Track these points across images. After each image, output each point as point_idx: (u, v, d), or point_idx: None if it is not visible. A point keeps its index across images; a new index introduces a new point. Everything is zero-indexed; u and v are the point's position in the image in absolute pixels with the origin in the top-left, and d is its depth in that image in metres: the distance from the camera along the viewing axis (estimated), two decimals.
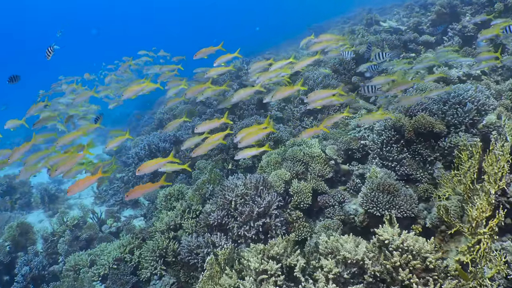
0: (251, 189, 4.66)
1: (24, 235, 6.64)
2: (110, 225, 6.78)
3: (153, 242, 4.96)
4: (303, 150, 5.84)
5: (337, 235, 4.08)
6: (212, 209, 4.64)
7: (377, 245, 3.71)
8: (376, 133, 6.08)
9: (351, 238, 3.83)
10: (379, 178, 4.93)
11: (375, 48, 8.83)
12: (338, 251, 3.82)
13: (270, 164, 5.80)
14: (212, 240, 4.49)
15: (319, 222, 5.31)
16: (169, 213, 5.21)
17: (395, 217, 4.48)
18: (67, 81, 8.94)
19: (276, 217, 4.53)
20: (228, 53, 6.54)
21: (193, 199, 5.23)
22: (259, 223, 4.40)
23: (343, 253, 3.56)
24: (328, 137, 6.95)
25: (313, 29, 14.80)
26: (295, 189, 5.20)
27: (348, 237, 3.83)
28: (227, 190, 4.76)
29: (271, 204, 4.56)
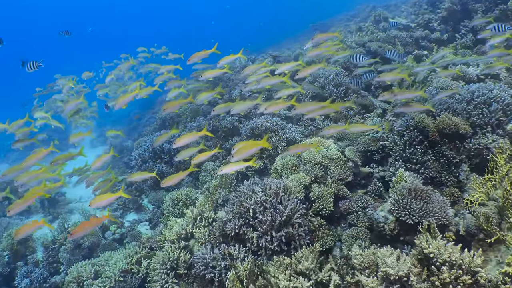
0: (271, 196, 4.21)
1: (23, 243, 6.14)
2: (114, 231, 6.30)
3: (163, 253, 4.50)
4: (321, 152, 5.39)
5: (372, 246, 3.65)
6: (228, 217, 4.18)
7: (418, 258, 3.30)
8: (397, 134, 5.66)
9: (390, 250, 3.41)
10: (410, 183, 4.49)
11: (386, 45, 8.41)
12: (376, 266, 3.40)
13: (286, 167, 5.34)
14: (230, 252, 4.04)
15: (341, 229, 4.89)
16: (179, 221, 4.75)
17: (429, 225, 4.09)
18: (62, 81, 8.41)
19: (299, 226, 4.10)
20: (232, 53, 6.22)
21: (204, 206, 4.77)
22: (281, 234, 3.96)
23: (385, 269, 3.14)
24: (343, 138, 6.51)
25: (317, 26, 14.39)
26: (316, 194, 4.76)
27: (387, 250, 3.41)
28: (243, 197, 4.30)
29: (294, 212, 4.12)
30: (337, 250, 4.64)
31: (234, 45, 17.78)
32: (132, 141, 11.89)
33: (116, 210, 7.42)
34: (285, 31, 18.11)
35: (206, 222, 4.62)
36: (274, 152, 6.14)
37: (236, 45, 17.44)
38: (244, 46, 18.77)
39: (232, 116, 8.06)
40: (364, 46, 8.76)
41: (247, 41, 20.96)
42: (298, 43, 13.74)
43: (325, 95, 7.40)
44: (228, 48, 20.40)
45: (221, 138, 7.71)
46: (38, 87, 9.11)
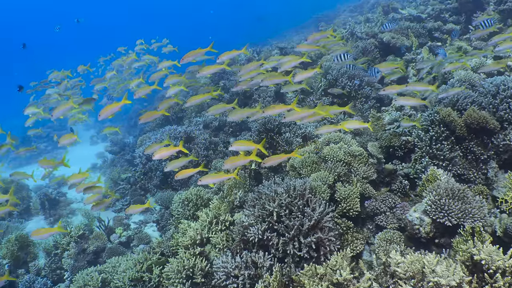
0: (297, 198, 3.78)
1: (24, 249, 5.68)
2: (120, 234, 5.86)
3: (177, 260, 4.07)
4: (342, 148, 4.96)
5: (414, 252, 3.24)
6: (249, 222, 3.76)
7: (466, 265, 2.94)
8: (422, 129, 5.25)
9: (437, 257, 3.02)
10: (446, 182, 4.07)
11: (400, 36, 7.97)
12: (422, 275, 3.01)
13: (306, 165, 4.91)
14: (253, 260, 3.62)
15: (367, 231, 4.49)
16: (193, 225, 4.32)
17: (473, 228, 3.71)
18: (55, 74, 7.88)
19: (330, 231, 3.69)
20: (234, 49, 5.80)
21: (220, 208, 4.34)
22: (311, 239, 3.54)
23: (435, 279, 2.76)
24: (361, 133, 6.09)
25: (320, 18, 13.91)
26: (342, 194, 4.34)
27: (434, 257, 3.03)
28: (265, 198, 3.87)
29: (323, 215, 3.70)
30: (367, 255, 4.26)
31: (235, 38, 17.34)
32: (133, 138, 11.40)
33: (120, 211, 6.97)
34: (287, 22, 17.59)
35: (223, 226, 4.19)
36: (289, 148, 5.71)
37: (236, 37, 17.02)
38: (244, 38, 18.26)
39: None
40: (375, 37, 8.32)
41: (247, 32, 20.47)
42: (303, 34, 13.27)
43: (338, 88, 6.97)
44: (228, 39, 19.93)
45: (228, 134, 7.27)
46: (32, 81, 8.54)
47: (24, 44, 9.26)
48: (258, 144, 4.27)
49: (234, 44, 16.85)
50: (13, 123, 12.97)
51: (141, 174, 7.39)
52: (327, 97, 7.07)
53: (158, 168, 6.66)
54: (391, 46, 7.91)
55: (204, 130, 7.46)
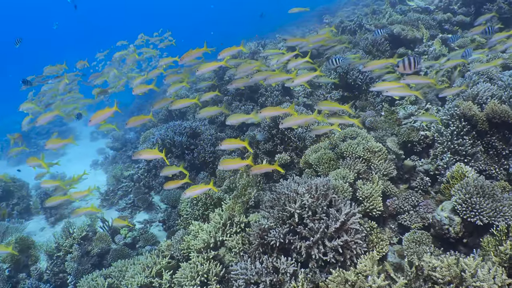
0: (320, 198, 3.45)
1: (25, 252, 5.33)
2: (125, 235, 5.52)
3: (190, 265, 3.74)
4: (361, 144, 4.64)
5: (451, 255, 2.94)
6: (269, 224, 3.43)
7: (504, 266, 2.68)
8: (442, 124, 4.95)
9: (476, 260, 2.76)
10: (475, 179, 3.77)
11: (410, 28, 7.63)
12: (461, 279, 2.75)
13: (322, 162, 4.59)
14: (275, 266, 3.30)
15: (389, 231, 4.19)
16: (206, 227, 3.99)
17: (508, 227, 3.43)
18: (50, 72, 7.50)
19: (356, 233, 3.37)
20: (234, 46, 5.70)
21: (234, 209, 4.01)
22: (337, 243, 3.23)
23: (477, 284, 2.49)
24: (375, 127, 5.77)
25: (321, 11, 13.53)
26: (364, 193, 4.03)
27: (472, 259, 2.76)
28: (285, 199, 3.54)
29: (349, 217, 3.38)
30: (391, 256, 3.96)
31: (236, 32, 16.92)
32: (134, 133, 11.03)
33: (124, 209, 6.62)
34: (287, 16, 17.11)
35: (238, 228, 3.86)
36: (302, 144, 5.37)
37: (237, 31, 16.61)
38: (245, 32, 17.82)
39: (246, 105, 7.27)
40: (384, 29, 7.96)
41: (248, 26, 19.99)
42: (305, 27, 12.87)
43: (349, 81, 6.63)
44: (229, 33, 19.44)
45: (234, 129, 6.92)
46: (30, 75, 8.12)
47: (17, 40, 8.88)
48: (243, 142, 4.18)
49: (235, 37, 16.46)
50: (13, 119, 12.56)
51: (145, 172, 7.04)
52: (337, 90, 6.73)
53: (164, 166, 6.30)
54: (402, 38, 7.57)
55: (209, 125, 7.10)
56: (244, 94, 7.46)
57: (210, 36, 17.87)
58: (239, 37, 16.10)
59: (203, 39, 8.20)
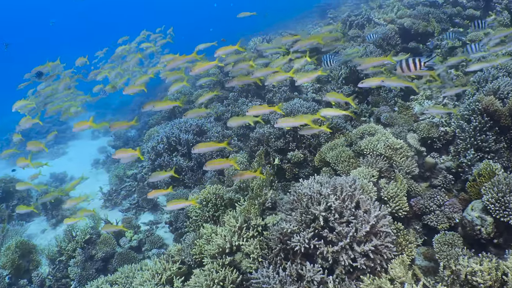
0: (346, 199, 3.14)
1: (26, 256, 4.99)
2: (131, 238, 5.19)
3: (204, 272, 3.42)
4: (381, 141, 4.32)
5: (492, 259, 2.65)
6: (292, 228, 3.10)
7: None
8: (463, 119, 4.65)
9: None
10: (506, 176, 3.48)
11: (421, 22, 7.31)
12: (502, 284, 2.49)
13: (341, 160, 4.28)
14: (300, 273, 2.99)
15: (414, 232, 3.90)
16: (220, 231, 3.67)
17: None
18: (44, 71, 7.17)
19: (386, 236, 3.06)
20: (230, 45, 5.59)
21: (250, 211, 3.68)
22: (369, 247, 2.92)
23: None
24: (391, 123, 5.47)
25: (322, 6, 13.20)
26: (389, 193, 3.73)
27: None
28: (307, 200, 3.22)
29: (379, 219, 3.07)
30: (419, 259, 3.68)
31: (237, 29, 16.54)
32: (136, 131, 10.67)
33: (128, 210, 6.28)
34: (288, 11, 16.78)
35: (255, 231, 3.54)
36: (316, 141, 5.05)
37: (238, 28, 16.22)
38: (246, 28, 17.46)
39: (252, 101, 6.94)
40: (393, 23, 7.65)
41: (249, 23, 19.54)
42: (305, 23, 12.56)
43: (361, 75, 6.31)
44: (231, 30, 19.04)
45: (242, 126, 6.58)
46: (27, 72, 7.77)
47: (6, 44, 8.68)
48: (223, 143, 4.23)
49: (237, 34, 16.10)
50: (12, 119, 12.15)
51: (149, 171, 6.70)
52: (349, 85, 6.41)
53: (169, 165, 5.97)
54: (413, 32, 7.25)
55: (215, 123, 6.77)
56: (251, 90, 7.13)
57: (209, 32, 17.48)
58: (241, 33, 15.76)
59: (203, 36, 7.84)
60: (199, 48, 6.97)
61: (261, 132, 5.59)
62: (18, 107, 6.24)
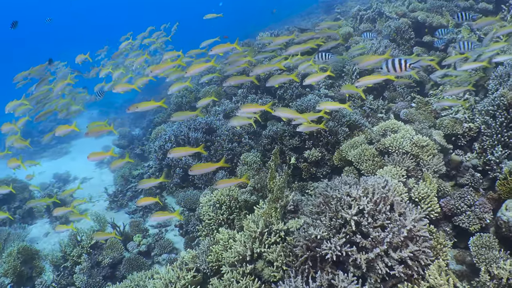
0: (379, 202, 2.84)
1: (28, 263, 4.69)
2: (139, 242, 4.89)
3: (224, 283, 3.13)
4: (406, 138, 4.03)
5: None
6: (321, 234, 2.81)
7: None
8: (488, 114, 4.36)
9: None
10: None
11: (435, 15, 7.01)
12: None
13: (365, 159, 3.98)
14: (331, 284, 2.70)
15: (443, 233, 3.60)
16: (239, 237, 3.38)
17: None
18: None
19: (424, 241, 2.78)
20: (228, 43, 5.37)
21: (270, 214, 3.37)
22: (406, 254, 2.64)
23: None
24: (410, 120, 5.18)
25: (326, 2, 12.89)
26: (420, 193, 3.43)
27: None
28: (336, 204, 2.93)
29: (416, 223, 2.78)
30: (452, 263, 3.41)
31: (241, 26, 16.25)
32: (140, 130, 10.36)
33: (135, 212, 5.98)
34: (294, 7, 16.48)
35: (277, 237, 3.23)
36: (334, 139, 4.75)
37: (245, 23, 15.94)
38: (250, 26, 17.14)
39: (262, 98, 6.62)
40: (406, 16, 7.35)
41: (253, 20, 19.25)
42: (309, 19, 12.26)
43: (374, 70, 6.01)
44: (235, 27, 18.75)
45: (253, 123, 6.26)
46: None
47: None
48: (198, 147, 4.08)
49: (242, 30, 15.81)
50: (10, 119, 11.82)
51: (156, 171, 6.40)
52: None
53: (178, 165, 5.66)
54: (427, 25, 6.95)
55: (225, 120, 6.46)
56: (260, 87, 6.81)
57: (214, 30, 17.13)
58: (247, 30, 15.46)
59: (206, 34, 7.54)
60: (204, 45, 6.76)
61: (274, 129, 5.29)
62: (11, 108, 6.02)
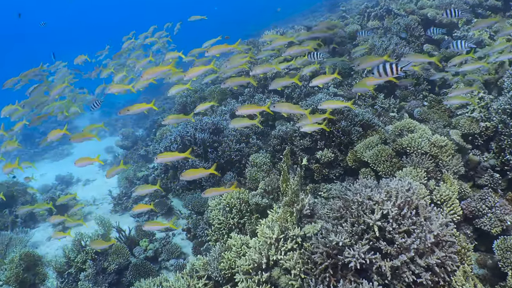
0: (404, 206, 2.67)
1: (31, 269, 4.53)
2: (146, 247, 4.72)
3: None
4: (424, 138, 3.86)
5: None
6: (343, 240, 2.64)
7: None
8: (505, 113, 4.20)
9: None
10: None
11: (444, 12, 6.83)
12: None
13: (382, 160, 3.81)
14: None
15: (464, 236, 3.46)
16: (253, 243, 3.22)
17: None
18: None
19: (450, 246, 2.63)
20: (225, 44, 5.29)
21: (286, 220, 3.21)
22: (434, 260, 2.48)
23: None
24: (425, 119, 5.02)
25: (331, 0, 12.72)
26: (442, 195, 3.26)
27: None
28: (357, 208, 2.76)
29: (443, 228, 2.62)
30: (475, 268, 3.25)
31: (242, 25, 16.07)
32: (143, 130, 10.19)
33: (140, 215, 5.82)
34: (297, 6, 16.30)
35: (294, 243, 3.07)
36: (347, 139, 4.58)
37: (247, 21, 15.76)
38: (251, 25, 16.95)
39: (270, 97, 6.45)
40: (415, 13, 7.18)
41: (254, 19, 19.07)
42: (313, 18, 12.09)
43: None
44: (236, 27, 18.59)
45: (260, 123, 6.09)
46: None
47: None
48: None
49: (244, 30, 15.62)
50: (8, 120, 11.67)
51: (161, 172, 6.23)
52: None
53: (185, 167, 5.50)
54: (437, 22, 6.79)
55: (231, 120, 6.27)
56: (268, 86, 6.64)
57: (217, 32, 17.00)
58: (249, 29, 15.30)
59: (208, 33, 7.37)
60: (206, 45, 6.61)
61: (284, 129, 5.12)
62: (7, 113, 5.91)
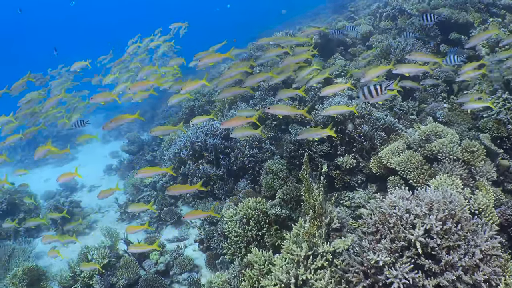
0: (448, 220, 2.43)
1: (35, 285, 4.26)
2: (156, 260, 4.45)
3: None
4: (455, 143, 3.61)
5: None
6: (384, 259, 2.39)
7: None
8: None
9: None
10: None
11: (460, 11, 6.63)
12: None
13: (412, 167, 3.56)
14: None
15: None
16: (279, 261, 2.97)
17: None
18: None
19: (495, 260, 2.38)
20: (218, 53, 5.19)
21: (314, 235, 2.96)
22: (480, 277, 2.24)
23: None
24: (448, 122, 4.77)
25: (336, 1, 12.50)
26: (480, 205, 3.02)
27: None
28: (395, 222, 2.52)
29: (490, 241, 2.39)
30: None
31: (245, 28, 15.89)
32: (148, 134, 9.93)
33: (149, 224, 5.54)
34: (301, 8, 16.07)
35: (324, 260, 2.81)
36: (369, 145, 4.34)
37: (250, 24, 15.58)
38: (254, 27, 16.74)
39: (282, 100, 6.21)
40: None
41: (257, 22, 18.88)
42: (319, 19, 11.87)
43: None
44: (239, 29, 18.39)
45: (271, 128, 5.86)
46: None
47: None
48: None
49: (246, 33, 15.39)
50: None
51: (170, 179, 5.98)
52: (390, 81, 5.69)
53: (196, 174, 5.25)
54: (452, 22, 6.56)
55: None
56: (278, 89, 6.40)
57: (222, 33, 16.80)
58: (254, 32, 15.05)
59: (214, 34, 7.13)
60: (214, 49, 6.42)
61: (296, 133, 4.87)
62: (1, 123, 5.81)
